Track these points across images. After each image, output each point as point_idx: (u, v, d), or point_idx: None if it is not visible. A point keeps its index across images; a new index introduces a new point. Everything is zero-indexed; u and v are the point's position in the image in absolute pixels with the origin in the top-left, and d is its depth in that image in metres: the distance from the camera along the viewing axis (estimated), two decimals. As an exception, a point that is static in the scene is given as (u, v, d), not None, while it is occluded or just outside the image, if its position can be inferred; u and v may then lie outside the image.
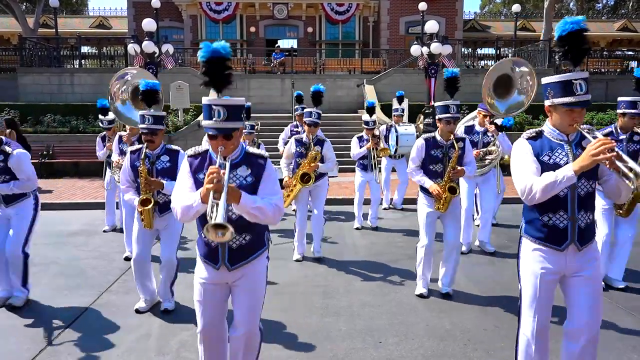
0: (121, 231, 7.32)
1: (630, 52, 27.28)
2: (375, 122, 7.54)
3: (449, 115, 4.47)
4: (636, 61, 25.17)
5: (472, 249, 6.36)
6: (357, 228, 7.62)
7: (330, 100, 17.72)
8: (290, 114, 15.25)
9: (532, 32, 26.99)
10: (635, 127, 4.64)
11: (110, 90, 5.58)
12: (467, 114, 7.41)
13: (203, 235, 2.68)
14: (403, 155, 8.94)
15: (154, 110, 4.23)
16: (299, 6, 24.94)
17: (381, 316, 4.39)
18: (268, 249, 2.87)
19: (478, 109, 6.26)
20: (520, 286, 2.94)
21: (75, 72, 17.79)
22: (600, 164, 2.59)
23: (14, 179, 4.35)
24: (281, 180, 6.14)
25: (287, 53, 22.01)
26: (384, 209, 8.85)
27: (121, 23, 27.32)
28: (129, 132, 5.78)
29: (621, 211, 4.75)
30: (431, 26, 13.90)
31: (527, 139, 2.78)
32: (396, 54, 22.12)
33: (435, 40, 13.91)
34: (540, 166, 2.68)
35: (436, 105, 4.65)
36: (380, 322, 4.25)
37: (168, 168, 4.22)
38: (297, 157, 5.88)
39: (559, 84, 2.62)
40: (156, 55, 14.36)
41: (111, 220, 7.58)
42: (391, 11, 24.87)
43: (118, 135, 6.13)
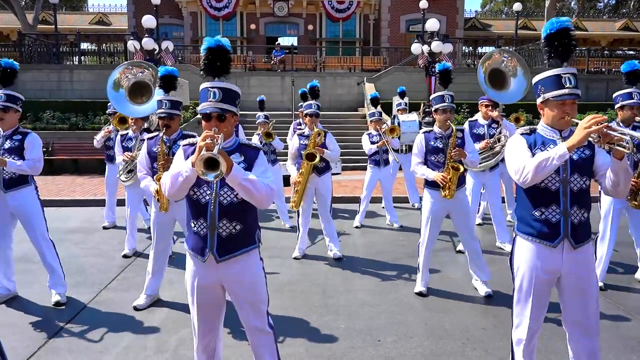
0: (121, 228, 7.36)
1: (631, 52, 27.21)
2: (381, 113, 7.52)
3: (445, 104, 4.60)
4: (637, 61, 25.12)
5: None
6: (357, 226, 7.61)
7: (330, 98, 17.73)
8: (290, 112, 15.24)
9: (533, 31, 26.98)
10: (636, 119, 4.63)
11: (120, 73, 5.50)
12: (469, 117, 7.44)
13: (192, 224, 2.69)
14: (410, 148, 8.98)
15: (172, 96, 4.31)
16: (300, 4, 24.92)
17: (380, 315, 4.38)
18: (259, 249, 2.82)
19: (480, 102, 6.31)
20: (514, 286, 2.91)
21: (74, 69, 17.76)
22: (593, 160, 2.68)
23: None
24: (287, 177, 6.15)
25: (288, 51, 22.00)
26: (383, 207, 8.84)
27: (121, 20, 27.29)
28: (135, 126, 5.79)
29: (636, 202, 4.63)
30: (432, 24, 13.90)
31: (521, 134, 2.82)
32: (396, 52, 22.13)
33: (435, 38, 13.92)
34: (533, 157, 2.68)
35: (432, 97, 4.79)
36: (379, 321, 4.25)
37: None
38: (302, 150, 5.82)
39: (549, 79, 2.67)
40: (156, 52, 14.37)
41: (111, 217, 7.58)
42: (392, 9, 24.86)
43: (120, 134, 6.09)
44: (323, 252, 6.17)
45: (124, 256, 6.02)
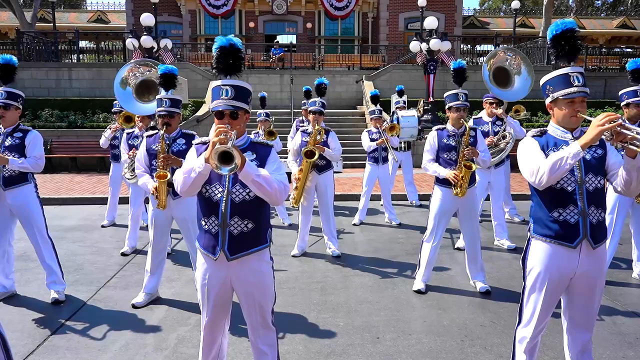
0: (120, 226, 7.36)
1: (629, 50, 27.23)
2: (381, 111, 7.53)
3: (459, 102, 4.60)
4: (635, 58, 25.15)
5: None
6: (355, 224, 7.62)
7: (329, 96, 17.55)
8: (289, 110, 15.24)
9: (531, 29, 26.98)
10: None
11: (127, 70, 5.49)
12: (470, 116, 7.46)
13: (203, 222, 2.69)
14: (409, 146, 9.03)
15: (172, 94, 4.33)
16: (298, 2, 24.89)
17: (379, 312, 4.40)
18: (270, 248, 2.83)
19: (484, 100, 6.33)
20: (524, 285, 2.89)
21: (73, 67, 17.71)
22: (606, 159, 2.69)
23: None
24: (289, 173, 6.14)
25: (286, 49, 21.96)
26: (381, 205, 8.86)
27: (119, 17, 27.23)
28: (141, 124, 5.77)
29: None
30: (430, 22, 13.89)
31: (532, 137, 2.81)
32: (395, 50, 22.12)
33: (434, 36, 13.90)
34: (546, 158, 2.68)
35: (445, 95, 4.78)
36: (378, 318, 4.26)
37: (184, 151, 4.21)
38: (304, 148, 5.81)
39: (557, 79, 2.67)
40: (155, 50, 14.32)
41: (111, 215, 7.58)
42: (390, 7, 24.84)
43: (126, 132, 6.04)
44: (322, 250, 6.19)
45: (123, 254, 6.03)
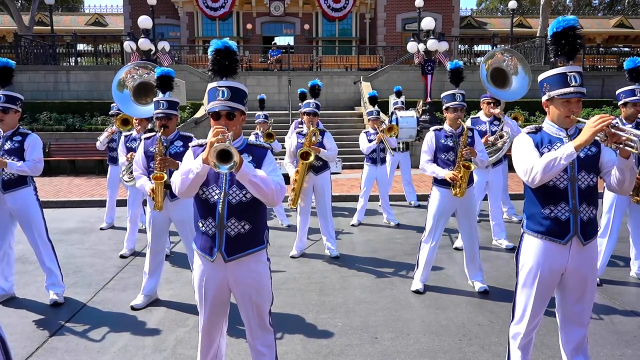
0: (118, 229, 7.37)
1: (626, 49, 27.34)
2: (379, 112, 7.55)
3: (456, 102, 4.62)
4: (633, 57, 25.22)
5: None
6: (354, 224, 7.63)
7: (327, 97, 17.73)
8: (286, 111, 15.25)
9: (529, 29, 27.03)
10: (639, 115, 4.65)
11: (125, 72, 5.50)
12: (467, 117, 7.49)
13: (200, 224, 2.71)
14: (407, 147, 9.05)
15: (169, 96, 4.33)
16: (296, 3, 24.92)
17: (377, 312, 4.41)
18: (267, 249, 2.84)
19: (482, 100, 6.36)
20: (517, 281, 2.93)
21: (71, 70, 17.72)
22: (599, 157, 2.71)
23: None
24: (286, 175, 6.17)
25: (284, 50, 22.00)
26: (380, 205, 8.87)
27: (117, 20, 27.24)
28: (139, 126, 5.78)
29: (638, 197, 4.71)
30: (428, 23, 13.92)
31: (527, 133, 2.84)
32: (393, 51, 22.16)
33: (431, 37, 13.93)
34: (540, 156, 2.70)
35: (442, 95, 4.79)
36: (376, 318, 4.27)
37: (181, 153, 4.22)
38: (299, 149, 5.79)
39: (554, 77, 2.69)
40: (152, 52, 14.35)
41: (110, 218, 7.59)
42: (388, 8, 24.88)
43: (124, 135, 6.03)
44: (320, 251, 6.20)
45: (121, 256, 6.03)
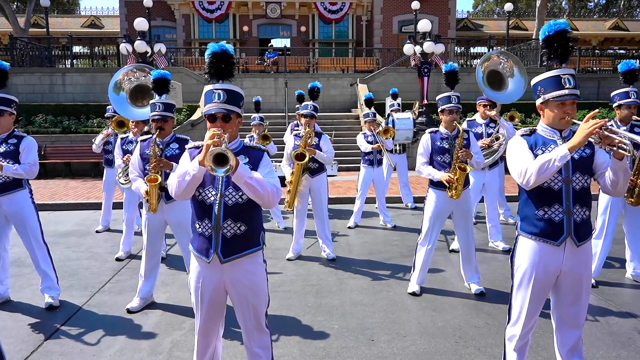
0: (114, 231, 7.34)
1: (621, 51, 27.47)
2: (375, 114, 7.56)
3: (451, 105, 4.62)
4: (634, 60, 25.37)
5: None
6: (350, 227, 7.62)
7: (323, 99, 17.73)
8: (283, 113, 15.25)
9: (525, 31, 27.15)
10: (633, 117, 4.67)
11: (122, 74, 5.46)
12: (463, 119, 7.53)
13: (197, 225, 2.71)
14: (404, 148, 9.07)
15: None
16: (292, 5, 24.96)
17: (373, 315, 4.40)
18: (263, 251, 2.84)
19: (478, 102, 6.38)
20: (512, 283, 2.94)
21: (67, 72, 17.67)
22: (593, 159, 2.73)
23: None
24: (282, 177, 6.16)
25: (280, 52, 22.00)
26: (376, 208, 8.88)
27: (113, 22, 27.23)
28: (136, 129, 5.75)
29: (632, 199, 4.71)
30: (424, 25, 13.96)
31: (521, 135, 2.85)
32: (389, 53, 22.18)
33: (428, 39, 13.97)
34: (534, 158, 2.71)
35: (438, 97, 4.79)
36: (372, 321, 4.27)
37: (177, 155, 4.22)
38: (294, 150, 5.78)
39: (548, 80, 2.70)
40: (148, 54, 14.33)
41: (106, 221, 7.56)
42: (384, 10, 24.94)
43: (120, 137, 6.00)
44: (317, 253, 6.19)
45: (117, 259, 6.01)
